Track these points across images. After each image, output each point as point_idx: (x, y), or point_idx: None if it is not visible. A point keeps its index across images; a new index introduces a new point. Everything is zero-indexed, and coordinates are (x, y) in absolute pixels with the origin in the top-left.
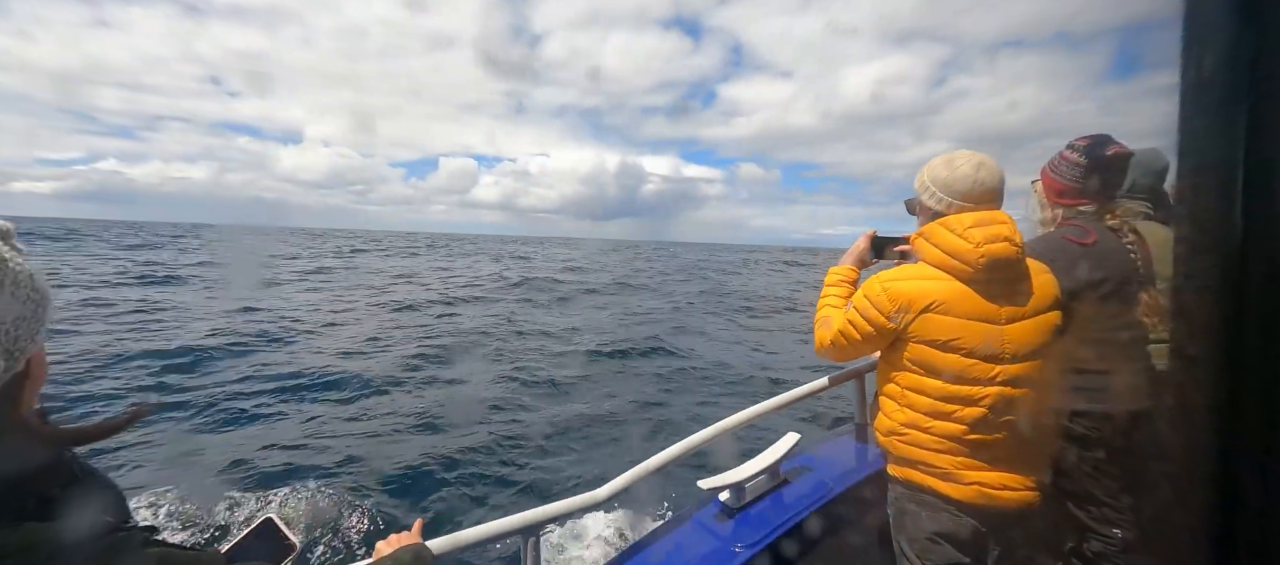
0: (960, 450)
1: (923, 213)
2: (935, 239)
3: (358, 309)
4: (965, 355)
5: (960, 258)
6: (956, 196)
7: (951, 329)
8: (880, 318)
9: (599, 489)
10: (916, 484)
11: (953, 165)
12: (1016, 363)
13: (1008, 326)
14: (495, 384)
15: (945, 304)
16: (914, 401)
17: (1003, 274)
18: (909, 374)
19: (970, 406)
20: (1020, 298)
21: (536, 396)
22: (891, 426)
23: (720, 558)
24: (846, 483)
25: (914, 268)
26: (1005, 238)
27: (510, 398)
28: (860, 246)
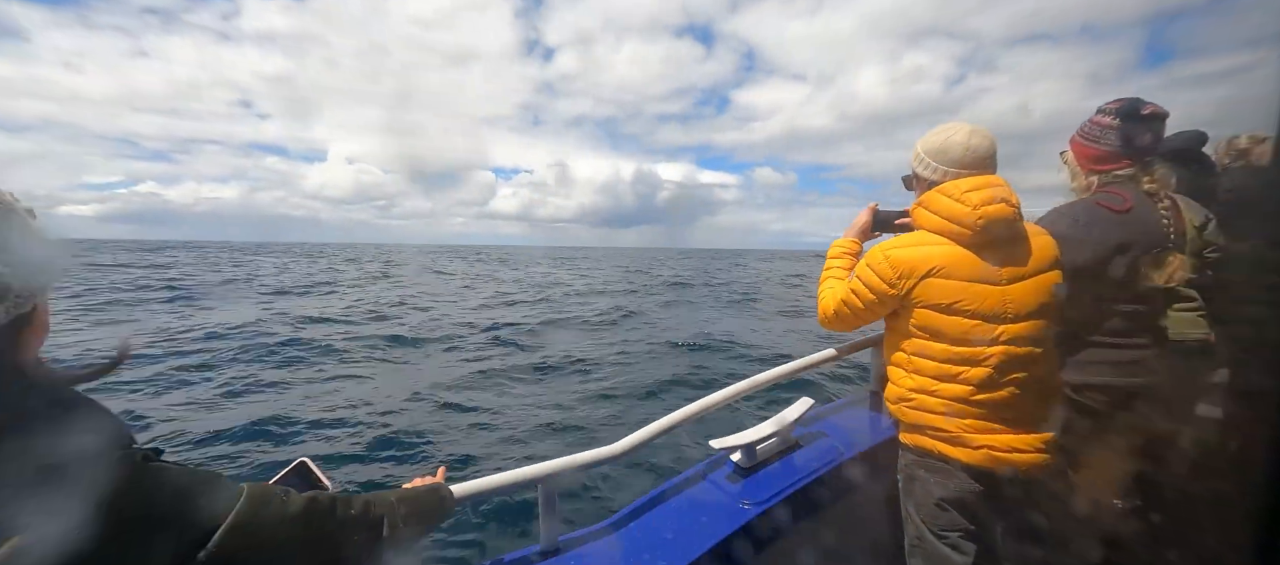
0: (968, 412)
1: (919, 184)
2: (933, 206)
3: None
4: (968, 317)
5: (958, 221)
6: (950, 164)
7: (953, 292)
8: (882, 285)
9: (614, 444)
10: (926, 450)
11: (945, 135)
12: (1019, 322)
13: (1009, 287)
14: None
15: (946, 268)
16: (921, 366)
17: (1001, 235)
18: (915, 340)
19: (975, 367)
20: (1020, 258)
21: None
22: (900, 393)
23: (727, 513)
24: (857, 448)
25: (914, 235)
26: (1002, 199)
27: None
28: (863, 220)
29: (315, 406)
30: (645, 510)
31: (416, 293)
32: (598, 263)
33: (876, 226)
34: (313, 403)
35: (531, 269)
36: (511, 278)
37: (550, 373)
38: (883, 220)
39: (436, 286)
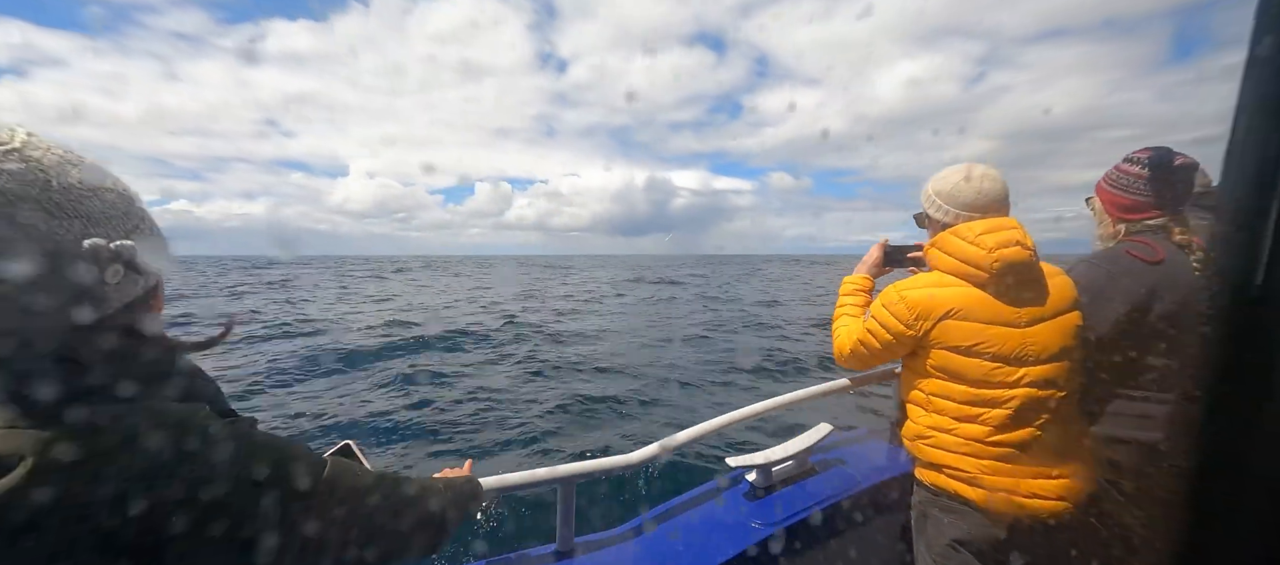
0: (986, 453)
1: (931, 225)
2: (947, 248)
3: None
4: (989, 359)
5: (974, 264)
6: (961, 207)
7: (973, 334)
8: (899, 326)
9: (632, 453)
10: (941, 488)
11: (956, 177)
12: (1041, 364)
13: (1029, 329)
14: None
15: (964, 310)
16: (940, 406)
17: (1018, 277)
18: (933, 380)
19: (996, 409)
20: (1038, 300)
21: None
22: (918, 431)
23: (738, 532)
24: (873, 479)
25: (930, 276)
26: (1016, 242)
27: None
28: (873, 256)
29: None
30: (660, 521)
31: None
32: (648, 269)
33: (888, 262)
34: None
35: (604, 274)
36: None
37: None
38: (894, 255)
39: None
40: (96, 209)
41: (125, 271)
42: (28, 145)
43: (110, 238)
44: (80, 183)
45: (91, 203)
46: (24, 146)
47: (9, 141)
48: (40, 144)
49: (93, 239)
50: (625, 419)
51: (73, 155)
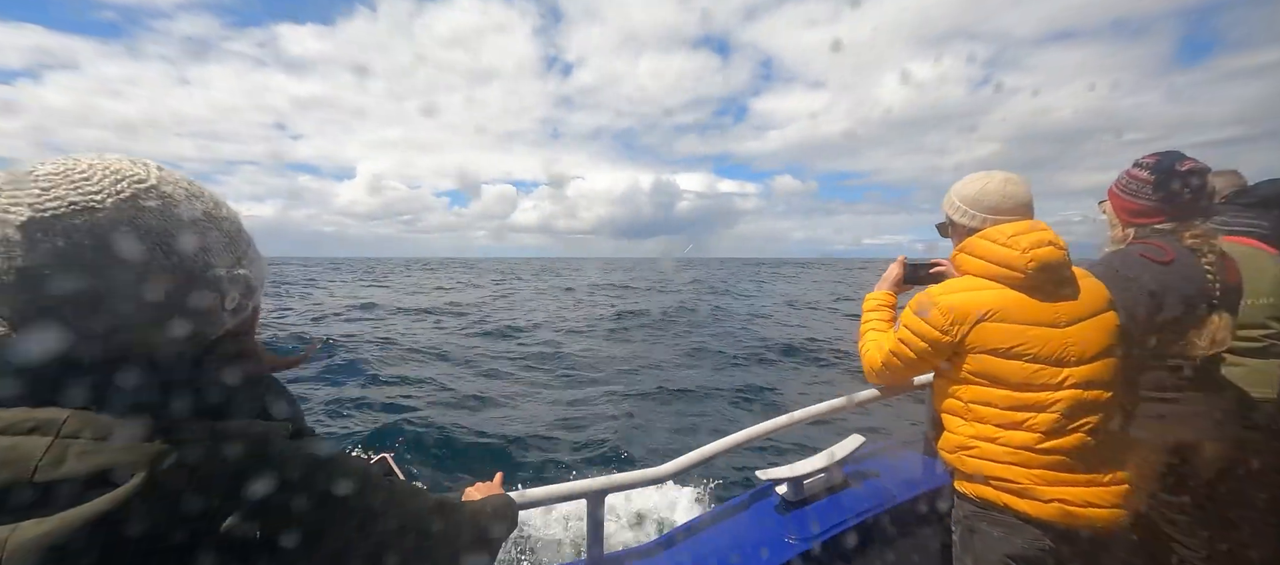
0: (1037, 462)
1: (956, 232)
2: (978, 251)
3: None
4: (1030, 361)
5: (1008, 265)
6: (988, 211)
7: (1012, 336)
8: (934, 332)
9: (662, 466)
10: (989, 501)
11: (980, 183)
12: (1083, 364)
13: (1069, 329)
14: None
15: (1001, 311)
16: (981, 413)
17: (1053, 277)
18: (972, 386)
19: (1042, 413)
20: (1074, 300)
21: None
22: (959, 441)
23: (773, 547)
24: (909, 492)
25: (961, 280)
26: (1049, 242)
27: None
28: (894, 273)
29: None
30: (690, 535)
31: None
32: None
33: (908, 279)
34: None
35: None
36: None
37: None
38: (914, 272)
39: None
40: (216, 238)
41: (240, 297)
42: (162, 180)
43: (228, 265)
44: (204, 214)
45: (212, 233)
46: (159, 182)
47: (146, 178)
48: (170, 178)
49: (216, 268)
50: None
51: (195, 186)
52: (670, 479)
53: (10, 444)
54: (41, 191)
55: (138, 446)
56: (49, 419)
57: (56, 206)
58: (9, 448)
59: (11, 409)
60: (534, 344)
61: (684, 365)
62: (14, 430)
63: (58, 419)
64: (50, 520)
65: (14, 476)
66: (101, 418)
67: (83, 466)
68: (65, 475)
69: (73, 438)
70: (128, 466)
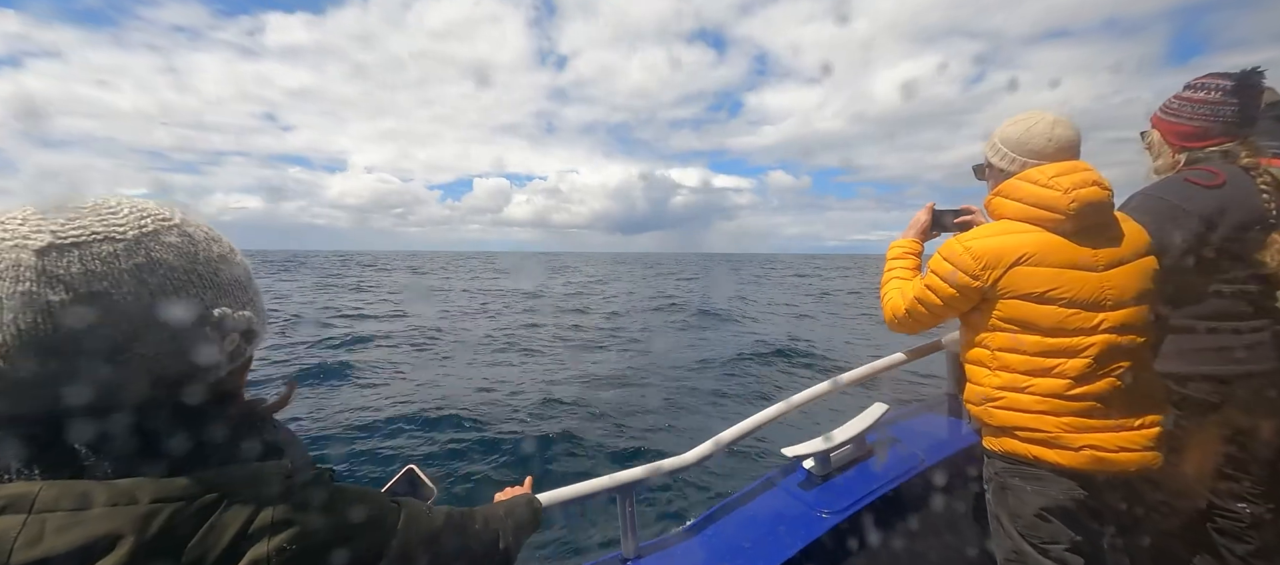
0: (1066, 409)
1: (993, 175)
2: (1017, 194)
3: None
4: (1064, 305)
5: (1048, 206)
6: (1030, 156)
7: (1047, 279)
8: (964, 278)
9: (687, 453)
10: (1018, 455)
11: (1026, 124)
12: (1120, 309)
13: (1107, 272)
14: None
15: (1037, 255)
16: (1008, 362)
17: (1094, 220)
18: (1000, 334)
19: (1073, 358)
20: (1114, 243)
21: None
22: (985, 393)
23: (805, 523)
24: (937, 456)
25: (995, 225)
26: (1094, 182)
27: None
28: (922, 219)
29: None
30: (721, 516)
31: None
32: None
33: (935, 225)
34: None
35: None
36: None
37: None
38: (941, 219)
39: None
40: (227, 278)
41: (240, 341)
42: (185, 222)
43: (232, 308)
44: (220, 256)
45: (225, 273)
46: (183, 223)
47: (172, 218)
48: (192, 220)
49: (222, 307)
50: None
51: (214, 230)
52: (698, 463)
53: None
54: (66, 221)
55: (121, 511)
56: (20, 495)
57: (78, 234)
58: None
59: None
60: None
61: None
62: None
63: (31, 494)
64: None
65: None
66: (79, 484)
67: (62, 542)
68: (44, 555)
69: (49, 511)
70: (112, 536)
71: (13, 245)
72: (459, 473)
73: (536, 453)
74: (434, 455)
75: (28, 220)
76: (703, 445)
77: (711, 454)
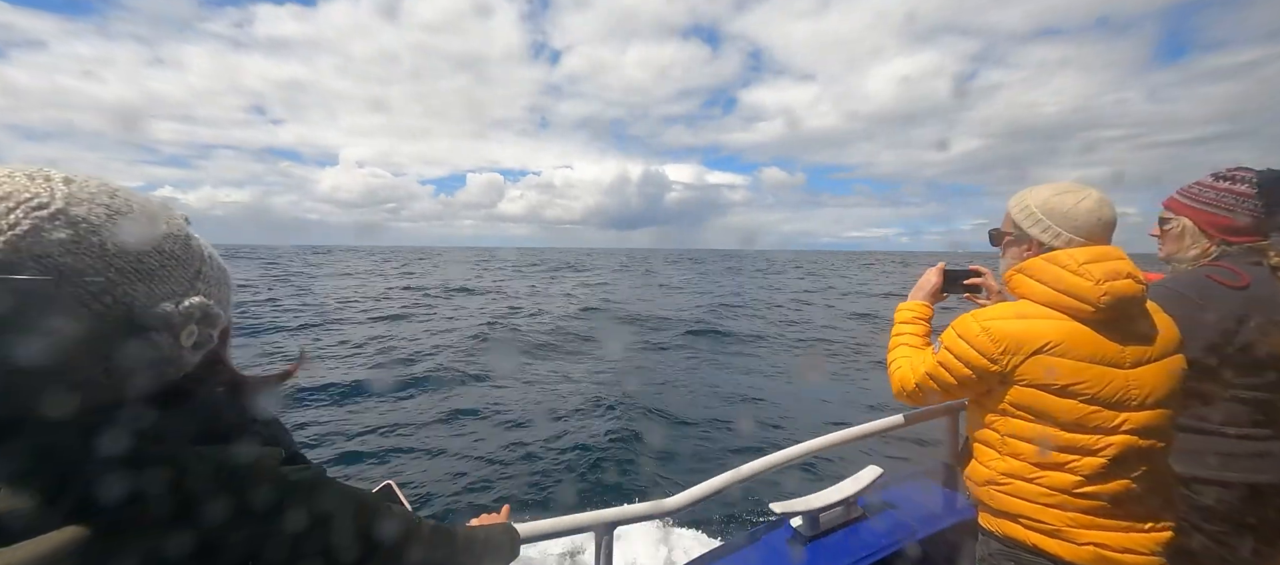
0: (1073, 504)
1: (1027, 246)
2: (1042, 276)
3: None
4: (1086, 401)
5: (1079, 296)
6: (1077, 232)
7: (1069, 372)
8: (981, 360)
9: (672, 497)
10: (1016, 540)
11: (1074, 196)
12: (1144, 410)
13: (1133, 371)
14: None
15: (1061, 345)
16: (1018, 449)
17: (1125, 313)
18: (1012, 420)
19: (1088, 457)
20: (1144, 339)
21: None
22: (989, 475)
23: None
24: (930, 528)
25: (1016, 306)
26: (1128, 274)
27: None
28: (933, 282)
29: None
30: None
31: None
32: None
33: (946, 287)
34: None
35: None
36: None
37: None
38: (952, 281)
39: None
40: (156, 264)
41: (199, 329)
42: (71, 201)
43: (175, 293)
44: (136, 238)
45: (151, 259)
46: (67, 205)
47: (49, 200)
48: (81, 195)
49: (163, 305)
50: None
51: (118, 200)
52: (681, 511)
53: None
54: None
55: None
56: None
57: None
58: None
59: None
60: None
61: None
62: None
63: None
64: (17, 549)
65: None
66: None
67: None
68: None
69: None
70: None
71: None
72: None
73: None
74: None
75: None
76: (689, 491)
77: (697, 500)
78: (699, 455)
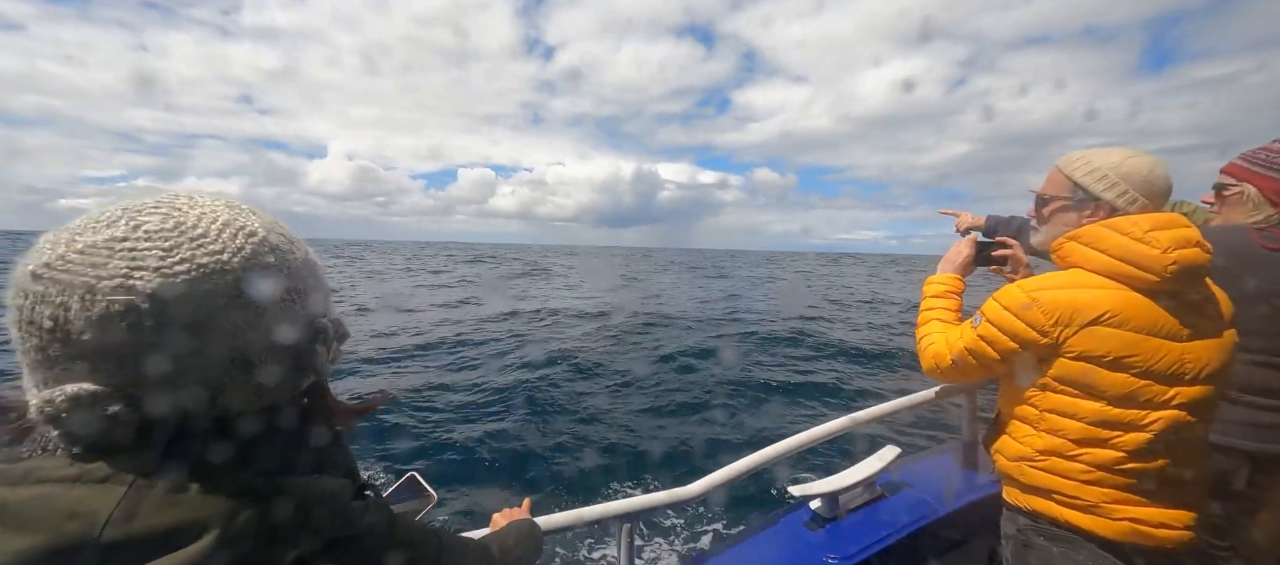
0: (1112, 480)
1: (1089, 211)
2: (1101, 244)
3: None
4: (1138, 374)
5: (1143, 265)
6: (1152, 198)
7: (1125, 344)
8: (1030, 332)
9: (692, 484)
10: (1048, 516)
11: (1146, 161)
12: (1197, 385)
13: (1190, 343)
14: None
15: (1119, 315)
16: (1059, 426)
17: (1189, 284)
18: (1055, 395)
19: (1133, 432)
20: (1201, 312)
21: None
22: (1022, 452)
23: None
24: (952, 505)
25: (1065, 275)
26: (1197, 242)
27: None
28: (965, 254)
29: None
30: (724, 553)
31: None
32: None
33: (977, 261)
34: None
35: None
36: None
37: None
38: (982, 253)
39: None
40: (313, 282)
41: (336, 341)
42: (268, 230)
43: (326, 310)
44: (303, 262)
45: (310, 278)
46: (267, 233)
47: (256, 231)
48: (268, 221)
49: (321, 316)
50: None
51: (286, 229)
52: (700, 497)
53: (82, 493)
54: (164, 253)
55: (212, 502)
56: (121, 473)
57: (185, 271)
58: (79, 499)
59: (87, 464)
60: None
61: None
62: (88, 479)
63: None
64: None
65: (82, 532)
66: (177, 472)
67: (157, 521)
68: (136, 531)
69: (148, 488)
70: (199, 524)
71: (116, 283)
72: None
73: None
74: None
75: (115, 250)
76: (709, 477)
77: (717, 486)
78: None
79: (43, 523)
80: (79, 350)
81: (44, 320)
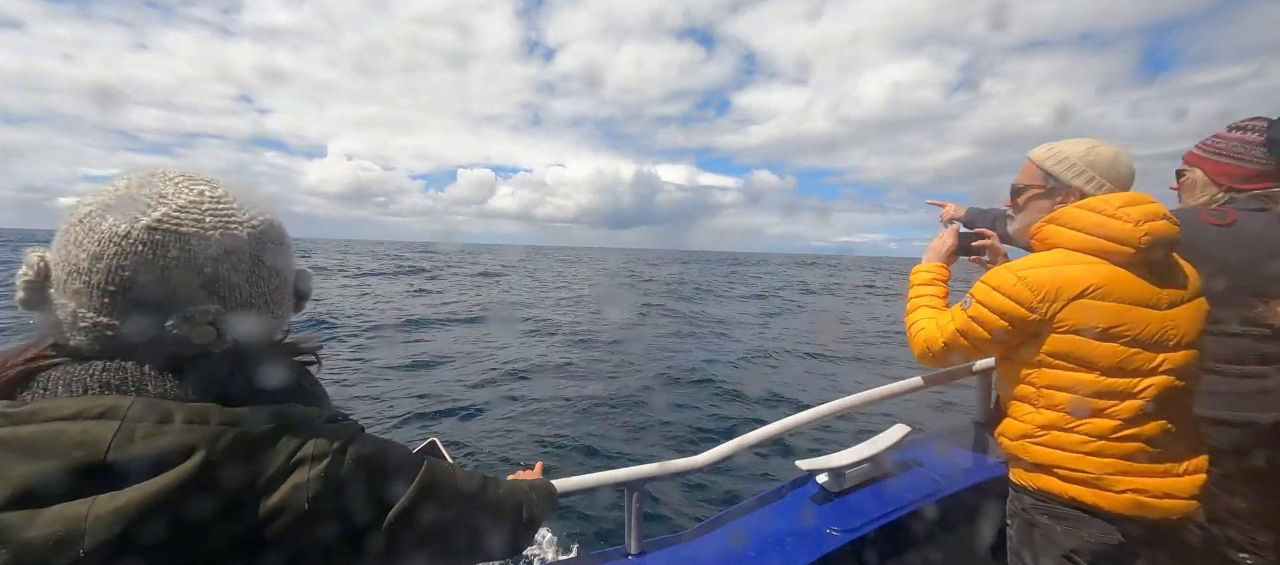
0: (1112, 451)
1: (1061, 197)
2: (1078, 223)
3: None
4: (1127, 344)
5: (1119, 239)
6: (1116, 182)
7: (1110, 315)
8: (1018, 309)
9: (701, 455)
10: (1052, 493)
11: (1109, 150)
12: (1179, 350)
13: (1170, 311)
14: None
15: (1102, 288)
16: (1055, 400)
17: (1160, 255)
18: (1049, 370)
19: (1128, 399)
20: (1175, 282)
21: None
22: (1024, 429)
23: (813, 538)
24: (959, 484)
25: (1051, 254)
26: (1164, 215)
27: None
28: (949, 244)
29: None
30: (728, 522)
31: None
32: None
33: (961, 250)
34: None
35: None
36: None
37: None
38: (965, 244)
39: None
40: (289, 248)
41: (306, 297)
42: (264, 205)
43: (297, 270)
44: (283, 231)
45: (288, 244)
46: (267, 207)
47: (256, 203)
48: (260, 199)
49: (300, 282)
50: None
51: (271, 202)
52: (708, 467)
53: (84, 428)
54: (229, 216)
55: (196, 429)
56: (115, 405)
57: (239, 228)
58: (82, 431)
59: (83, 397)
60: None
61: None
62: (86, 415)
63: (123, 405)
64: (123, 494)
65: (89, 456)
66: (163, 404)
67: (147, 448)
68: (134, 454)
69: (139, 421)
70: (187, 447)
71: (232, 224)
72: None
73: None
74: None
75: (190, 211)
76: (717, 448)
77: (726, 458)
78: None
79: (55, 451)
80: (195, 282)
81: (168, 259)
